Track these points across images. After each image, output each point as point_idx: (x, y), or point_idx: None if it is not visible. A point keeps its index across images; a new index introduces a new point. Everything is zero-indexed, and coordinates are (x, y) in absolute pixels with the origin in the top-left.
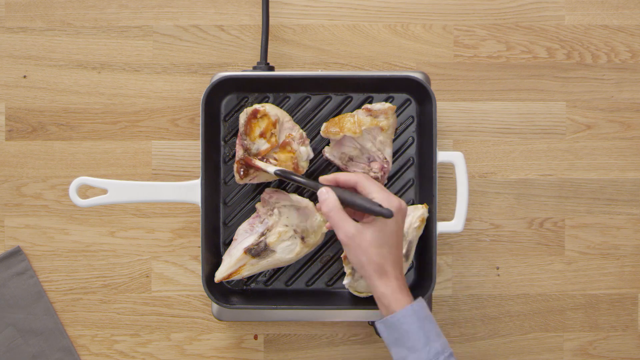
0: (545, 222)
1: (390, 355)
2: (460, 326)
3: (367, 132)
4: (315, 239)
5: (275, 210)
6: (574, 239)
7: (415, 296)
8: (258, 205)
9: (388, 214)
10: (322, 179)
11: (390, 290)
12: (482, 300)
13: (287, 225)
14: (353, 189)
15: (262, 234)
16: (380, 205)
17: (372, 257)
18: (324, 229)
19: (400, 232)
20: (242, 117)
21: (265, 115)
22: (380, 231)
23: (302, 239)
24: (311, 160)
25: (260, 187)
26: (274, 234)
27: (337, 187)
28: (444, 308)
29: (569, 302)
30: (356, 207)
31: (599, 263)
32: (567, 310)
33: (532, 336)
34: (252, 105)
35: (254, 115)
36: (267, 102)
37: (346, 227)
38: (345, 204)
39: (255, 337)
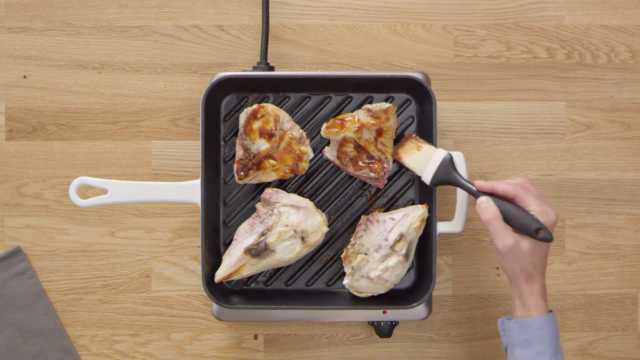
0: None
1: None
2: (460, 326)
3: (367, 132)
4: (315, 239)
5: (275, 210)
6: (574, 239)
7: (415, 297)
8: (258, 205)
9: (548, 239)
10: (479, 185)
11: (534, 295)
12: (482, 300)
13: (287, 225)
14: (511, 200)
15: (262, 234)
16: (538, 229)
17: (525, 266)
18: (324, 229)
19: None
20: (242, 117)
21: (265, 115)
22: (537, 244)
23: (302, 239)
24: (311, 160)
25: (260, 187)
26: (274, 234)
27: (494, 195)
28: (444, 308)
29: (569, 302)
30: (516, 225)
31: (599, 263)
32: (567, 310)
33: None
34: (252, 105)
35: (254, 115)
36: (267, 102)
37: (505, 238)
38: (503, 215)
39: (255, 337)
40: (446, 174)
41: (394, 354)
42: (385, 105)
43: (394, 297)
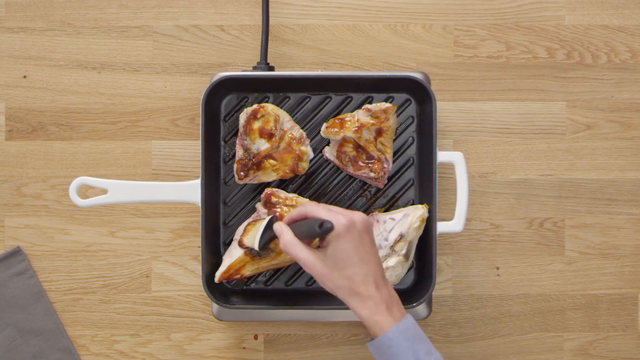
0: (545, 222)
1: None
2: (460, 326)
3: (367, 132)
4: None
5: (276, 211)
6: (574, 239)
7: (415, 297)
8: (258, 205)
9: (327, 227)
10: (277, 226)
11: (367, 312)
12: (482, 300)
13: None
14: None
15: None
16: (321, 223)
17: (336, 281)
18: None
19: (364, 248)
20: (242, 117)
21: (265, 115)
22: (335, 253)
23: None
24: (311, 160)
25: (260, 187)
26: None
27: (293, 223)
28: (444, 308)
29: (569, 302)
30: (303, 234)
31: (599, 263)
32: (567, 310)
33: (532, 336)
34: (252, 105)
35: (254, 115)
36: (267, 102)
37: (304, 258)
38: (299, 236)
39: (255, 337)
40: (268, 233)
41: None
42: (385, 105)
43: None
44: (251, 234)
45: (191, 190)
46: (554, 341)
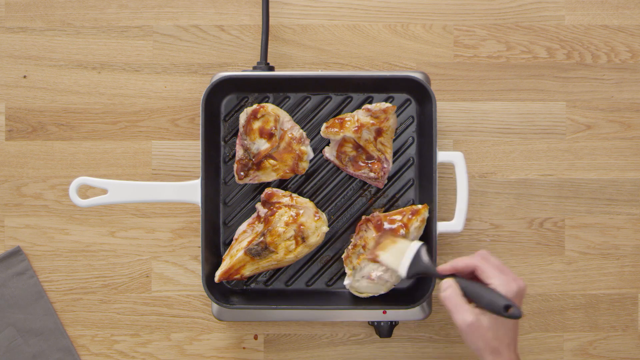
0: (545, 222)
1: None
2: None
3: (367, 132)
4: (316, 239)
5: (275, 210)
6: (574, 239)
7: (415, 297)
8: (258, 205)
9: (516, 316)
10: (441, 269)
11: None
12: None
13: (287, 225)
14: (473, 272)
15: (262, 234)
16: (507, 306)
17: (489, 341)
18: (324, 229)
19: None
20: (243, 116)
21: (265, 115)
22: (500, 318)
23: (302, 239)
24: (311, 160)
25: (260, 187)
26: (274, 234)
27: (458, 275)
28: (443, 308)
29: (569, 302)
30: (483, 304)
31: (599, 263)
32: (567, 310)
33: (532, 336)
34: (252, 105)
35: (254, 115)
36: (267, 102)
37: (464, 314)
38: (469, 295)
39: (255, 337)
40: (419, 265)
41: (394, 354)
42: (385, 105)
43: (394, 297)
44: (392, 255)
45: (191, 190)
46: (554, 341)
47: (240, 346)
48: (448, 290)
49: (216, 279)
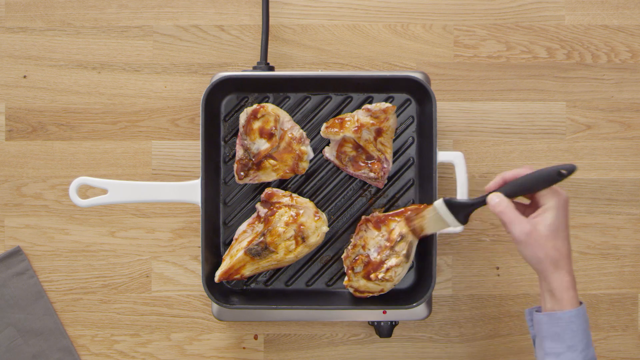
0: None
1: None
2: (460, 326)
3: (366, 132)
4: (316, 239)
5: (275, 210)
6: (574, 239)
7: (415, 297)
8: (258, 205)
9: (572, 168)
10: (488, 187)
11: (564, 285)
12: (482, 300)
13: (287, 225)
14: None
15: (262, 234)
16: (559, 170)
17: (549, 251)
18: (324, 229)
19: (568, 224)
20: (243, 117)
21: (265, 115)
22: (553, 224)
23: (302, 239)
24: (311, 160)
25: (261, 187)
26: (274, 234)
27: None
28: (443, 308)
29: None
30: (540, 185)
31: (599, 263)
32: None
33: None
34: (252, 105)
35: (255, 115)
36: (267, 102)
37: (521, 225)
38: (522, 187)
39: (255, 337)
40: (460, 208)
41: (394, 354)
42: (385, 105)
43: (394, 297)
44: (433, 223)
45: (191, 190)
46: None
47: (240, 346)
48: (501, 204)
49: (216, 279)
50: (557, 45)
